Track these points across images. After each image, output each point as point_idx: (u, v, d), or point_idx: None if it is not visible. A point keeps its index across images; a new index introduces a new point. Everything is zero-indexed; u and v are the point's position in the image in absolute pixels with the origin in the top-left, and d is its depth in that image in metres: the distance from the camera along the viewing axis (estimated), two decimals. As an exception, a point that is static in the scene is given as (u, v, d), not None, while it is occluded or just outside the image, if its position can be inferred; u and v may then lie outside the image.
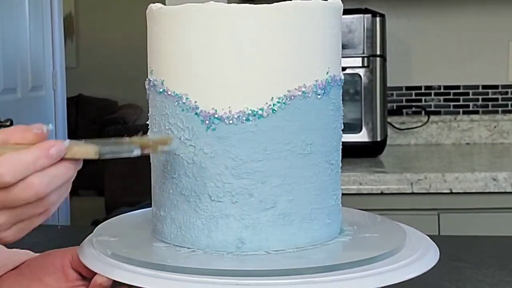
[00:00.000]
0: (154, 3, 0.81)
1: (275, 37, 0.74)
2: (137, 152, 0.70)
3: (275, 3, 0.74)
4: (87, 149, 0.67)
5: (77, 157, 0.66)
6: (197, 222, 0.76)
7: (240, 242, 0.75)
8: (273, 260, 0.73)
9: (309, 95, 0.76)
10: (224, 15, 0.74)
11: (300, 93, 0.75)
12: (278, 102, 0.74)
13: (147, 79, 0.81)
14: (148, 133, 0.82)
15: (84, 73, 6.23)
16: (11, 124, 2.97)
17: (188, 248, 0.77)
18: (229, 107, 0.74)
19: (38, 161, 0.63)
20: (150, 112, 0.81)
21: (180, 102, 0.76)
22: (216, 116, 0.74)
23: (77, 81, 5.79)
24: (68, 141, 0.66)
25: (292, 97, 0.75)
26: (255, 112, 0.74)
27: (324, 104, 0.78)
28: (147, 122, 0.82)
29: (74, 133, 5.60)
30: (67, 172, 0.66)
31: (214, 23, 0.74)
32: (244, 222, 0.75)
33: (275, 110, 0.74)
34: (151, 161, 0.82)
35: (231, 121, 0.74)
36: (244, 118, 0.74)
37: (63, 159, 0.65)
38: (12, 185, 0.63)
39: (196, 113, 0.75)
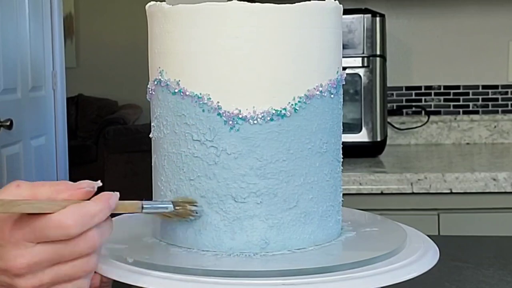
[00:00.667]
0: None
1: (298, 37, 0.75)
2: (170, 208, 0.74)
3: (296, 3, 0.75)
4: (133, 204, 0.70)
5: (124, 210, 0.68)
6: (219, 225, 0.75)
7: (264, 242, 0.75)
8: (303, 258, 0.74)
9: (325, 94, 0.77)
10: (247, 14, 0.73)
11: (318, 92, 0.76)
12: (299, 101, 0.75)
13: (155, 79, 0.78)
14: (151, 135, 0.80)
15: (84, 73, 6.22)
16: (11, 124, 2.96)
17: (210, 251, 0.75)
18: (254, 107, 0.73)
19: (101, 213, 0.63)
20: (157, 113, 0.79)
21: (200, 102, 0.74)
22: (240, 116, 0.73)
23: (77, 81, 5.78)
24: (117, 193, 0.66)
25: (311, 97, 0.76)
26: (279, 112, 0.74)
27: (335, 103, 0.79)
28: (153, 124, 0.80)
29: (74, 133, 5.60)
30: (110, 229, 0.66)
31: (236, 21, 0.73)
32: (269, 222, 0.75)
33: (297, 109, 0.75)
34: (152, 164, 0.81)
35: (255, 121, 0.73)
36: (269, 118, 0.74)
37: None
38: (73, 237, 0.62)
39: (219, 114, 0.74)
